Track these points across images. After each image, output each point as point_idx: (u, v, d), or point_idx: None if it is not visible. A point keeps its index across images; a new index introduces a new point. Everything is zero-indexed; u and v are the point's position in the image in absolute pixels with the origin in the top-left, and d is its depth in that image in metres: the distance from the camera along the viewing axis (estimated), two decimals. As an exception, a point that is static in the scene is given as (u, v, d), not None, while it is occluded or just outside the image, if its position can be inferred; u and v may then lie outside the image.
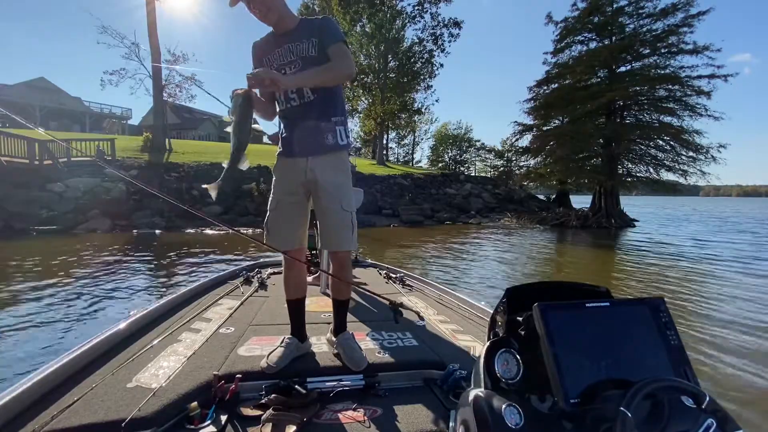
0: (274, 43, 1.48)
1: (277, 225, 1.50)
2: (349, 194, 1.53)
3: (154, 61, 17.45)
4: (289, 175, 1.49)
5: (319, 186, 1.46)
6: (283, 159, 1.52)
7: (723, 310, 4.68)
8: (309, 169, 1.45)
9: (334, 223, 1.48)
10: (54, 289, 4.90)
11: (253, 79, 1.25)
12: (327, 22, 1.45)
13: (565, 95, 19.30)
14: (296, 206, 1.51)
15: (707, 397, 0.71)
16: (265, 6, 1.38)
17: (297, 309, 1.57)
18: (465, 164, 39.64)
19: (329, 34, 1.40)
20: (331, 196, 1.46)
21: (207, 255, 7.58)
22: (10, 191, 10.75)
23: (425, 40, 24.76)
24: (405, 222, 15.50)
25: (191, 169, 14.76)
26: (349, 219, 1.49)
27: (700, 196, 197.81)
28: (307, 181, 1.47)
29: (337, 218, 1.47)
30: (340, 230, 1.48)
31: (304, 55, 1.42)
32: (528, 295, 0.92)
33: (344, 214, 1.48)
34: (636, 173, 18.75)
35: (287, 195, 1.50)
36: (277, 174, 1.53)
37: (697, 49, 16.76)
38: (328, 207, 1.47)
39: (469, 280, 6.32)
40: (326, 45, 1.40)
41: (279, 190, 1.52)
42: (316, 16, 1.51)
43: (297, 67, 1.43)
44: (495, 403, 0.78)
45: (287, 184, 1.50)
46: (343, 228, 1.48)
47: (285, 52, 1.45)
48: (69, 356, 1.32)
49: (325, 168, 1.46)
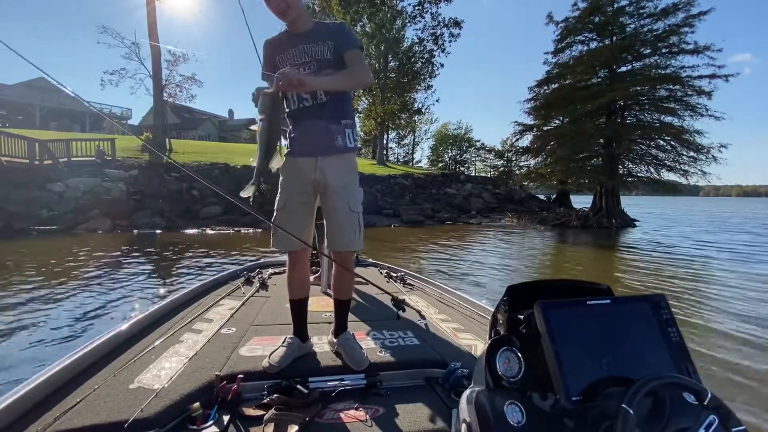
0: (288, 43, 1.49)
1: (285, 225, 1.50)
2: (357, 195, 1.55)
3: (155, 61, 17.45)
4: (299, 175, 1.50)
5: (328, 186, 1.47)
6: (293, 159, 1.52)
7: (725, 308, 4.67)
8: (319, 169, 1.47)
9: (341, 223, 1.49)
10: (55, 289, 4.88)
11: (283, 78, 1.26)
12: (344, 27, 1.50)
13: (565, 95, 19.28)
14: (304, 206, 1.52)
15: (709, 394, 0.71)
16: (285, 3, 1.40)
17: (300, 309, 1.57)
18: (465, 164, 39.65)
19: (347, 40, 1.44)
20: (339, 196, 1.48)
21: (208, 255, 7.56)
22: (11, 191, 10.74)
23: (425, 40, 24.79)
24: (406, 222, 15.50)
25: (191, 168, 14.75)
26: (356, 219, 1.51)
27: (700, 196, 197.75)
28: (317, 181, 1.48)
29: (344, 218, 1.49)
30: (348, 230, 1.50)
31: (320, 58, 1.45)
32: (529, 293, 0.93)
33: (352, 214, 1.50)
34: (637, 173, 18.75)
35: (296, 195, 1.51)
36: (285, 173, 1.53)
37: (698, 49, 16.76)
38: (336, 207, 1.49)
39: (471, 279, 6.31)
40: (343, 50, 1.42)
41: (288, 189, 1.52)
42: (332, 21, 1.52)
43: (312, 69, 1.44)
44: (497, 401, 0.79)
45: (296, 184, 1.51)
46: (351, 228, 1.50)
47: (299, 52, 1.46)
48: (71, 358, 1.32)
49: (334, 169, 1.48)
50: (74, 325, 3.70)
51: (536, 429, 0.76)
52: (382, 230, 13.50)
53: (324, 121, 1.47)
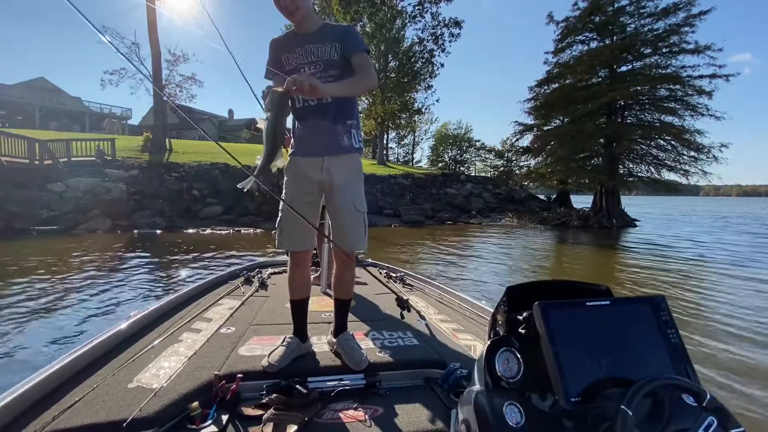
0: (295, 42, 1.49)
1: (291, 226, 1.49)
2: (362, 195, 1.54)
3: (155, 61, 17.43)
4: (305, 175, 1.50)
5: (334, 186, 1.48)
6: (298, 158, 1.52)
7: (725, 310, 4.65)
8: (325, 169, 1.47)
9: (346, 223, 1.49)
10: (55, 289, 4.87)
11: (295, 83, 1.25)
12: (352, 30, 1.50)
13: (566, 95, 19.26)
14: (310, 206, 1.51)
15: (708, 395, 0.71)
16: (294, 4, 1.41)
17: (300, 309, 1.57)
18: (465, 164, 39.61)
19: (354, 43, 1.44)
20: (345, 196, 1.48)
21: (208, 255, 7.55)
22: (11, 191, 10.73)
23: (426, 40, 24.77)
24: (406, 222, 15.48)
25: (191, 169, 14.73)
26: (361, 219, 1.51)
27: (700, 195, 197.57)
28: (322, 181, 1.48)
29: (350, 218, 1.49)
30: (353, 230, 1.50)
31: (327, 59, 1.45)
32: (528, 294, 0.92)
33: (357, 214, 1.50)
34: (637, 173, 18.72)
35: (301, 195, 1.50)
36: (290, 174, 1.53)
37: (698, 49, 16.74)
38: (341, 207, 1.48)
39: (472, 279, 6.30)
40: (350, 53, 1.43)
41: (293, 190, 1.52)
42: (339, 23, 1.52)
43: (318, 69, 1.45)
44: (496, 401, 0.78)
45: (302, 184, 1.50)
46: (356, 228, 1.50)
47: (305, 52, 1.47)
48: (70, 357, 1.32)
49: (340, 168, 1.48)
50: (75, 323, 3.69)
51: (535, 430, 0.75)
52: (383, 230, 13.49)
53: (329, 121, 1.47)
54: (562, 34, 19.96)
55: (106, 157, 14.18)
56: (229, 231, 11.58)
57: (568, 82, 19.96)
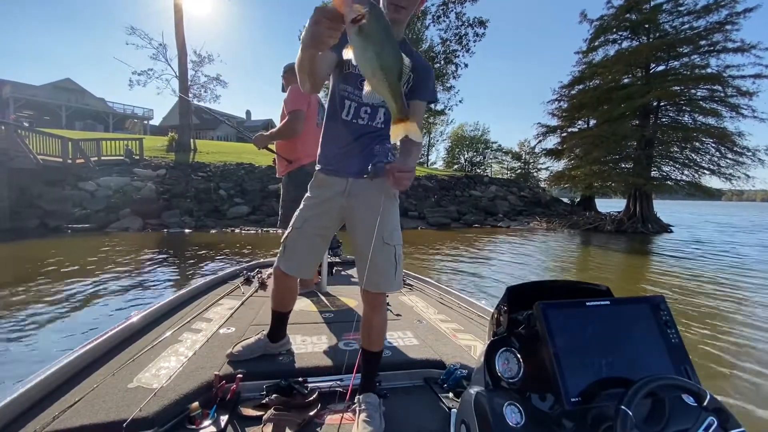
0: None
1: (297, 248, 1.33)
2: (395, 224, 1.28)
3: (181, 62, 17.51)
4: (327, 196, 1.30)
5: (359, 213, 1.26)
6: (323, 177, 1.32)
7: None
8: (349, 192, 1.27)
9: (373, 259, 1.19)
10: (91, 288, 4.71)
11: (395, 176, 1.01)
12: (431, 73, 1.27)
13: (599, 95, 18.59)
14: (324, 230, 1.35)
15: (708, 395, 0.71)
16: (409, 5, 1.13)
17: (280, 319, 1.51)
18: (481, 166, 39.00)
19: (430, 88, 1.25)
20: (370, 225, 1.20)
21: (236, 255, 7.33)
22: (45, 190, 10.77)
23: (449, 40, 24.37)
24: (432, 225, 15.13)
25: (217, 168, 14.69)
26: (392, 254, 1.24)
27: (722, 200, 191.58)
28: (344, 206, 1.28)
29: (377, 253, 1.20)
30: (380, 268, 1.22)
31: None
32: (529, 294, 0.92)
33: (386, 248, 1.23)
34: (675, 177, 17.94)
35: (317, 217, 1.32)
36: (315, 192, 1.34)
37: (743, 48, 15.94)
38: (366, 238, 1.21)
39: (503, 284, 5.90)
40: (420, 95, 1.23)
41: (310, 211, 1.33)
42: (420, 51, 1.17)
43: None
44: (496, 402, 0.78)
45: (322, 206, 1.31)
46: (384, 265, 1.23)
47: None
48: (70, 357, 1.31)
49: (368, 192, 1.25)
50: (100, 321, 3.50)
51: (535, 430, 0.75)
52: (410, 233, 13.13)
53: (370, 141, 1.26)
54: (596, 33, 19.32)
55: (134, 156, 14.23)
56: (257, 231, 11.42)
57: (599, 83, 19.29)
